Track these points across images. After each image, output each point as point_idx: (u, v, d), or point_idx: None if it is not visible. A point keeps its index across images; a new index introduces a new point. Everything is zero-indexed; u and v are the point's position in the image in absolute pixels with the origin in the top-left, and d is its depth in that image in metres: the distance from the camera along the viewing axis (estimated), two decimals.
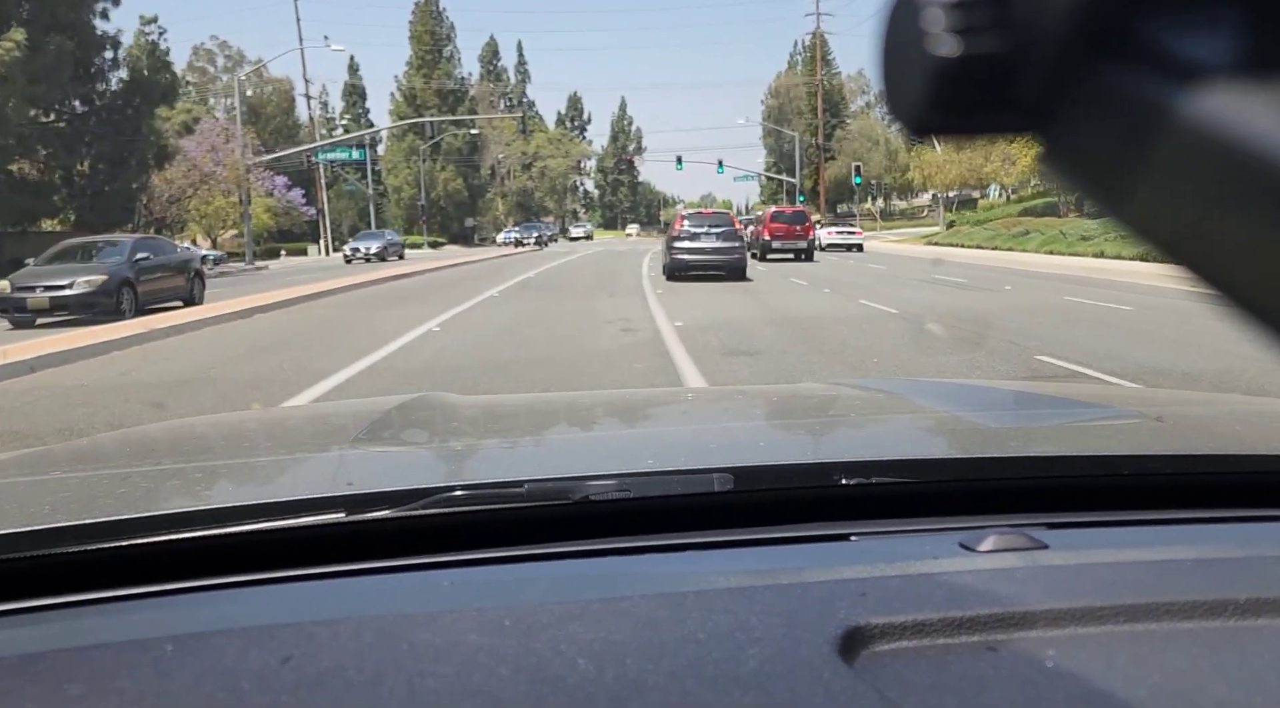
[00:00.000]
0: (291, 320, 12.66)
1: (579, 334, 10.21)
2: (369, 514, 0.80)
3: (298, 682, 0.57)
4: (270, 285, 19.98)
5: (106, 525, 0.77)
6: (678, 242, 19.43)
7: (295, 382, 7.17)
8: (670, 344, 8.92)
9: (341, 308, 14.62)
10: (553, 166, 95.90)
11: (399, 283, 21.20)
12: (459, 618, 0.65)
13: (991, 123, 0.29)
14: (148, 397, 6.86)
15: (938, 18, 0.27)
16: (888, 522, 0.86)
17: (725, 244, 19.26)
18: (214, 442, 1.39)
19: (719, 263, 18.98)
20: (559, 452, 1.30)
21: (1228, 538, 0.84)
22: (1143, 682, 0.57)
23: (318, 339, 10.39)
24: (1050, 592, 0.69)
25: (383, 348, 9.08)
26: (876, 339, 9.30)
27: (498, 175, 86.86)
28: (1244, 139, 0.23)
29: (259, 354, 9.12)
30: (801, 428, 1.47)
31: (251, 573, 0.74)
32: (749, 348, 8.74)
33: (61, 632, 0.67)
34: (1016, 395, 1.74)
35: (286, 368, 8.07)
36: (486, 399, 2.82)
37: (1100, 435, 1.28)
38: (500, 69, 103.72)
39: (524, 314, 12.59)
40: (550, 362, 8.18)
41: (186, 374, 7.94)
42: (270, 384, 7.18)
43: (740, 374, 7.31)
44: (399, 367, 7.99)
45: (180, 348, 9.82)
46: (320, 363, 8.18)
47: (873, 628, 0.62)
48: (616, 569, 0.78)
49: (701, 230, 19.50)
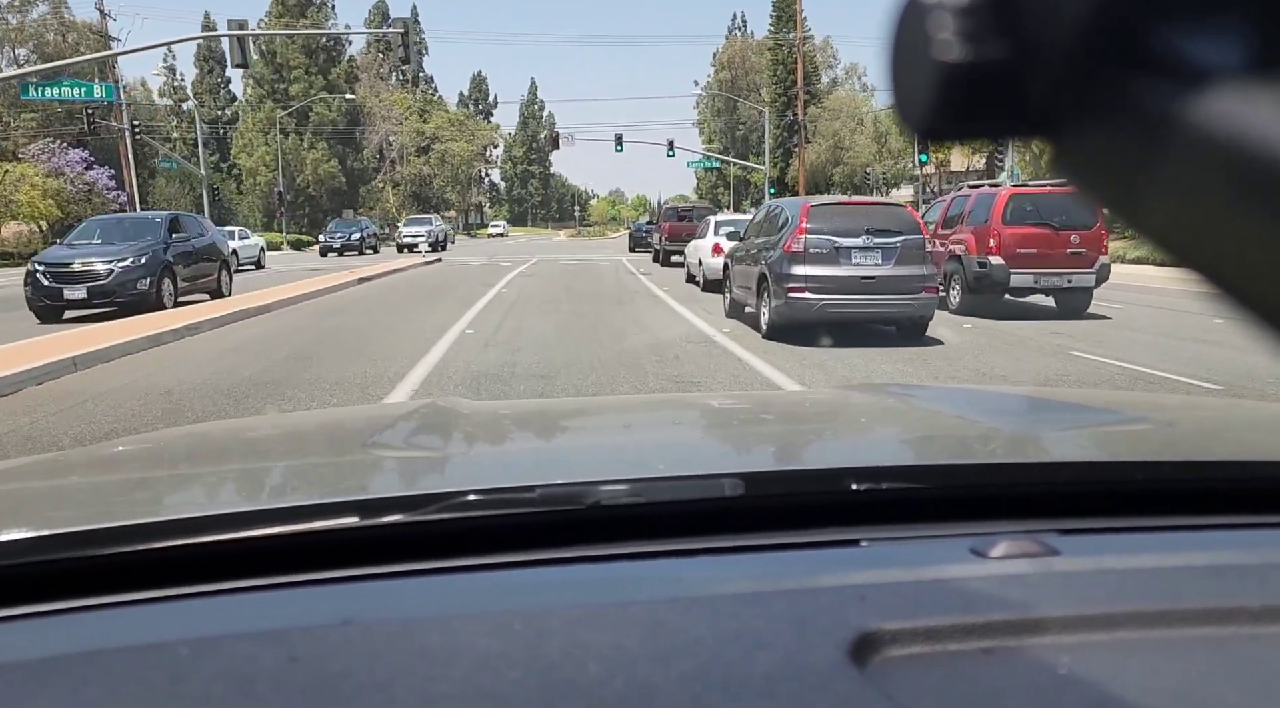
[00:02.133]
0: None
1: None
2: (381, 519, 0.81)
3: (310, 685, 0.58)
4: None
5: (122, 530, 0.78)
6: (797, 265, 9.34)
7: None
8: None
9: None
10: (455, 151, 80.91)
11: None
12: (470, 622, 0.66)
13: (1000, 128, 0.29)
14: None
15: (945, 22, 0.27)
16: (898, 527, 0.86)
17: (898, 271, 9.42)
18: (228, 447, 1.42)
19: (886, 309, 9.50)
20: (570, 457, 1.30)
21: (1241, 544, 0.83)
22: (1155, 689, 0.57)
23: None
24: (1062, 598, 0.69)
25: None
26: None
27: (387, 158, 71.37)
28: (1254, 142, 0.23)
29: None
30: (812, 433, 1.49)
31: (265, 577, 0.75)
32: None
33: (78, 636, 0.67)
34: (1028, 401, 1.75)
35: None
36: (497, 405, 3.31)
37: (1112, 441, 1.31)
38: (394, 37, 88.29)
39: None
40: None
41: None
42: None
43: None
44: None
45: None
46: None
47: (884, 634, 0.62)
48: (627, 574, 0.78)
49: (851, 241, 9.41)
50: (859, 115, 53.07)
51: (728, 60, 65.42)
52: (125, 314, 12.13)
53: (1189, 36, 0.25)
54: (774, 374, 7.55)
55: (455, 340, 9.63)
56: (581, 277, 20.08)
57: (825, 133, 53.25)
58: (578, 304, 13.93)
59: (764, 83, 58.95)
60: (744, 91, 59.49)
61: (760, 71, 61.54)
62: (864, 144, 51.29)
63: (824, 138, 52.96)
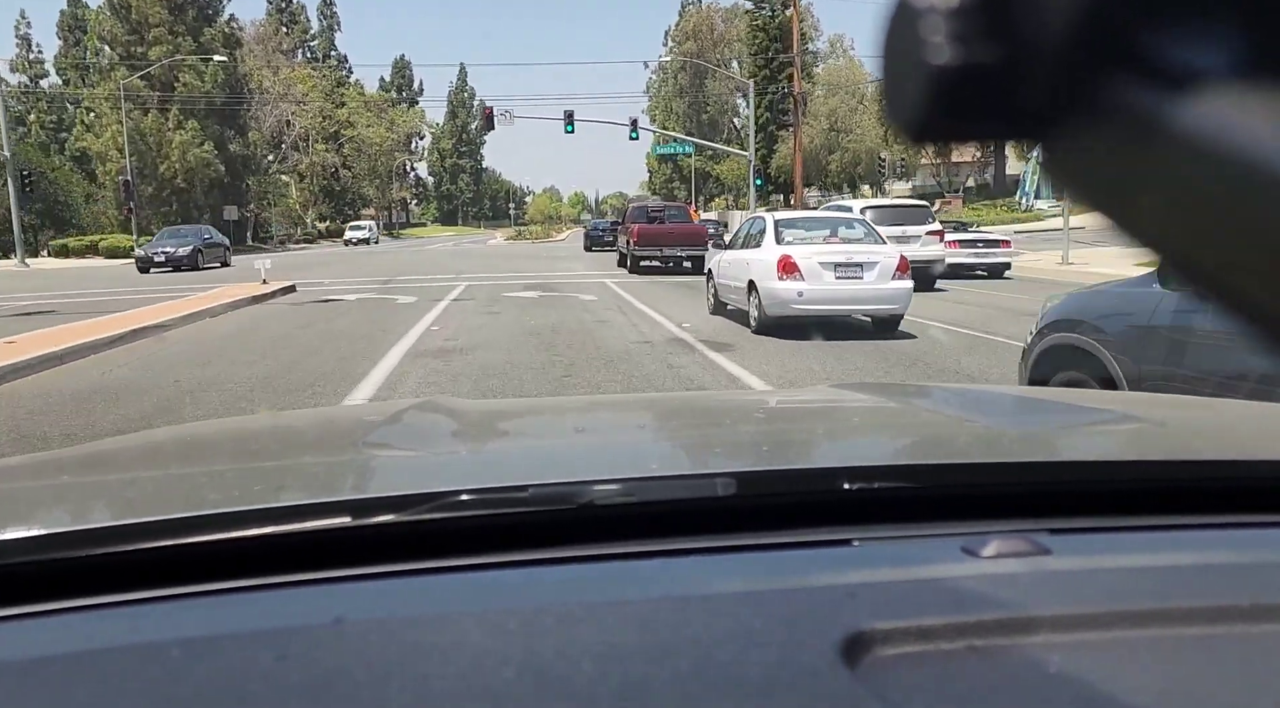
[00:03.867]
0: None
1: None
2: (374, 519, 0.81)
3: (304, 685, 0.58)
4: None
5: (112, 530, 0.78)
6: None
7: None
8: None
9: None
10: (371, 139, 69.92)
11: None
12: (464, 621, 0.67)
13: (991, 130, 0.29)
14: None
15: (936, 25, 0.27)
16: (891, 527, 0.86)
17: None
18: (220, 446, 1.40)
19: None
20: (563, 456, 1.29)
21: (1230, 543, 0.84)
22: (1146, 688, 0.58)
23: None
24: (1053, 597, 0.70)
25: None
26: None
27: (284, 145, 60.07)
28: (1243, 146, 0.23)
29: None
30: (804, 433, 1.49)
31: (257, 577, 0.75)
32: None
33: (68, 636, 0.67)
34: (1019, 401, 1.73)
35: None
36: (490, 404, 3.19)
37: (1103, 440, 1.31)
38: (298, 7, 76.66)
39: None
40: None
41: None
42: None
43: None
44: None
45: None
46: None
47: (875, 633, 0.62)
48: (620, 573, 0.78)
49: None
50: (859, 91, 43.88)
51: (692, 30, 55.56)
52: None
53: (1178, 40, 0.25)
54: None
55: None
56: (583, 358, 8.19)
57: (818, 113, 43.91)
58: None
59: (739, 55, 49.51)
60: (712, 68, 49.89)
61: (732, 43, 52.07)
62: (868, 126, 42.05)
63: (816, 119, 43.64)
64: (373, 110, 74.71)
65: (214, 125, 45.54)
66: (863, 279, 9.23)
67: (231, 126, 47.77)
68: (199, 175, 44.14)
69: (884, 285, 9.20)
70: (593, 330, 10.38)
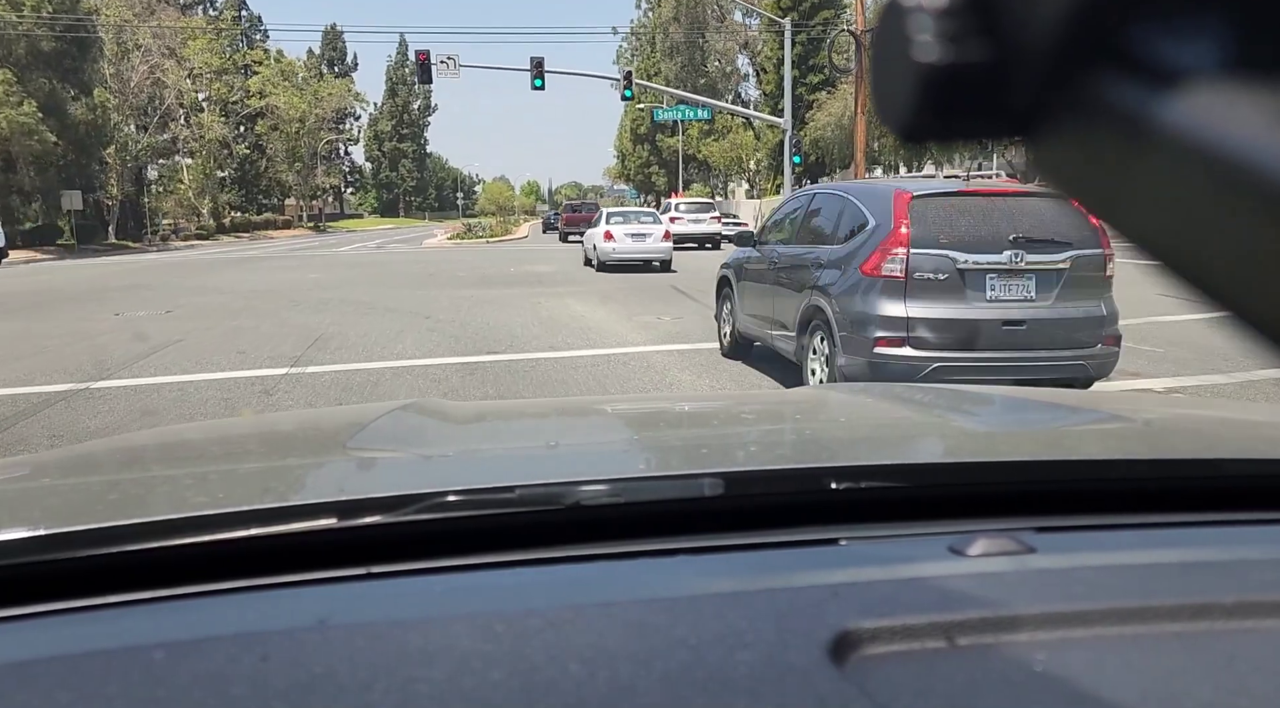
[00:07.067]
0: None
1: None
2: (360, 520, 0.81)
3: (289, 687, 0.58)
4: None
5: (96, 533, 0.77)
6: (889, 300, 5.48)
7: None
8: None
9: None
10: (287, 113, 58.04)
11: None
12: (451, 623, 0.67)
13: (979, 129, 0.29)
14: None
15: (925, 24, 0.27)
16: (877, 526, 0.87)
17: (1062, 311, 5.61)
18: (204, 448, 1.39)
19: (1038, 372, 5.47)
20: (551, 457, 1.29)
21: (1213, 541, 0.85)
22: (1130, 685, 0.59)
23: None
24: (1038, 595, 0.70)
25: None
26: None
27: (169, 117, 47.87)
28: (1230, 144, 0.23)
29: None
30: (792, 433, 1.49)
31: (243, 579, 0.75)
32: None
33: (51, 639, 0.67)
34: (1005, 400, 1.76)
35: None
36: (478, 405, 3.35)
37: (1088, 440, 1.32)
38: None
39: None
40: None
41: None
42: None
43: None
44: None
45: None
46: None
47: (862, 632, 0.63)
48: (608, 574, 0.79)
49: (985, 259, 5.41)
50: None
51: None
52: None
53: (1167, 38, 0.25)
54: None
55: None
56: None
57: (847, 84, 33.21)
58: None
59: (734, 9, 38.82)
60: (707, 22, 39.19)
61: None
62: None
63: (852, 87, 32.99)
64: (291, 80, 62.76)
65: (41, 78, 33.54)
66: (645, 241, 19.08)
67: (73, 83, 35.78)
68: (21, 147, 32.22)
69: (656, 244, 19.09)
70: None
